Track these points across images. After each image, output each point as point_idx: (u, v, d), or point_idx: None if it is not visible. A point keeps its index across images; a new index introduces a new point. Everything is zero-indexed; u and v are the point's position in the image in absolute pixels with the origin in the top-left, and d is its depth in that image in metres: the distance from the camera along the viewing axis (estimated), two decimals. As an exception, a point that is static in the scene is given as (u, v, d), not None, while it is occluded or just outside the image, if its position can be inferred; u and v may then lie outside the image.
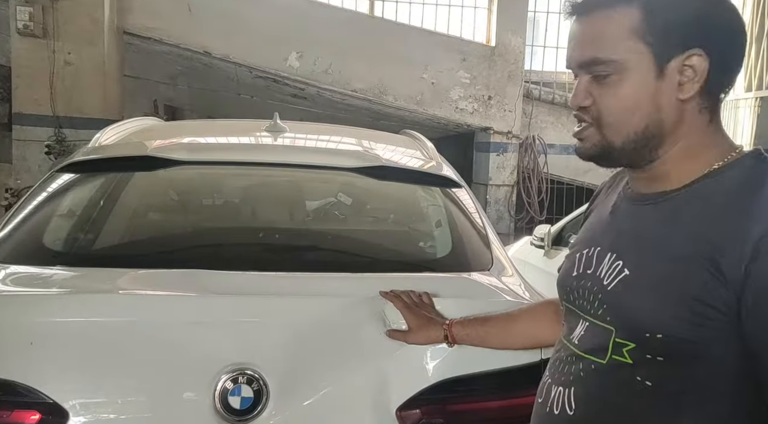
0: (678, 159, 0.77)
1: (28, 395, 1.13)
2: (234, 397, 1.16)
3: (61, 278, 1.36)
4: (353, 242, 1.61)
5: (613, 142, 0.78)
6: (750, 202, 0.71)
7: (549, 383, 0.87)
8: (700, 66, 0.73)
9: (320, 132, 2.37)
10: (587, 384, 0.80)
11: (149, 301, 1.26)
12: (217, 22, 5.71)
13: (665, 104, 0.75)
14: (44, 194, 1.69)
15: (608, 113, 0.77)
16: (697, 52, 0.73)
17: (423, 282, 1.34)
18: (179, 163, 1.71)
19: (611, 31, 0.76)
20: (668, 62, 0.74)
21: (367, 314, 1.26)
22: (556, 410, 0.84)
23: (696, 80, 0.74)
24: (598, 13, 0.77)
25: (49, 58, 5.18)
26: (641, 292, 0.75)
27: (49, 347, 1.16)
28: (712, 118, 0.77)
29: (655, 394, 0.74)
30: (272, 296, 1.29)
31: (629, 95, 0.76)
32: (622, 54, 0.75)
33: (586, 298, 0.83)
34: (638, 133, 0.76)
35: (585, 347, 0.82)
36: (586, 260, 0.85)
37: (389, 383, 1.22)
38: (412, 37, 6.14)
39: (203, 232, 1.76)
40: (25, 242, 1.51)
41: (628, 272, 0.77)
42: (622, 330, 0.77)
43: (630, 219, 0.82)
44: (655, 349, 0.74)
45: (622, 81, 0.76)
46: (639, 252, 0.77)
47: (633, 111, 0.76)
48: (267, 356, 1.20)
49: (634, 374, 0.75)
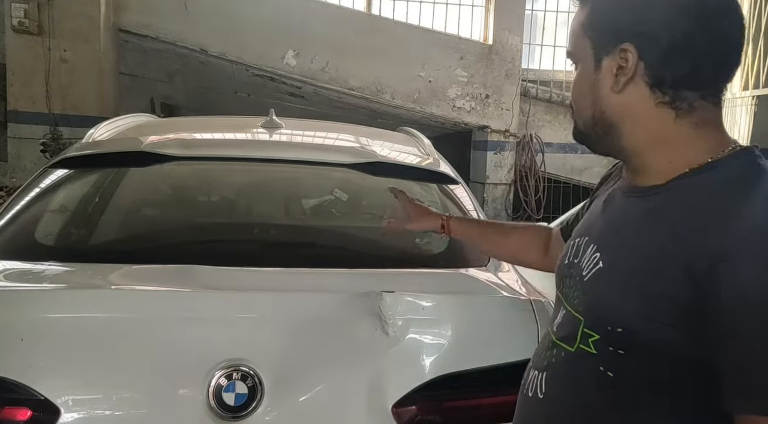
0: (651, 151, 0.79)
1: (18, 392, 1.11)
2: (228, 393, 1.15)
3: (53, 273, 1.34)
4: (349, 237, 1.60)
5: (578, 125, 0.85)
6: (724, 204, 0.71)
7: (530, 368, 0.91)
8: (630, 60, 0.76)
9: (316, 128, 2.36)
10: (557, 370, 0.84)
11: (142, 296, 1.25)
12: (214, 19, 5.69)
13: (603, 96, 0.80)
14: (37, 190, 1.68)
15: (572, 98, 0.86)
16: (628, 47, 0.76)
17: (420, 278, 1.33)
18: (173, 158, 1.70)
19: (574, 27, 0.84)
20: (605, 56, 0.79)
21: (363, 310, 1.25)
22: (530, 392, 0.88)
23: (626, 73, 0.77)
24: (575, 13, 0.85)
25: (45, 55, 5.16)
26: (609, 285, 0.77)
27: (40, 343, 1.14)
28: (680, 115, 0.77)
29: (615, 385, 0.76)
30: (267, 292, 1.28)
31: (579, 84, 0.83)
32: (575, 47, 0.83)
33: (569, 286, 0.86)
34: (590, 119, 0.82)
35: (560, 335, 0.85)
36: (575, 249, 0.87)
37: (385, 379, 1.20)
38: (410, 36, 6.13)
39: (197, 227, 1.75)
40: (16, 237, 1.50)
41: (602, 265, 0.79)
42: (589, 321, 0.79)
43: (618, 211, 0.84)
44: (615, 342, 0.75)
45: (577, 73, 0.84)
46: (615, 246, 0.80)
47: (582, 99, 0.83)
48: (262, 352, 1.18)
49: (597, 364, 0.77)
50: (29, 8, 5.02)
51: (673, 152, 0.78)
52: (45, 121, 5.24)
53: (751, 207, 0.69)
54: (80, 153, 1.77)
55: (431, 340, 1.23)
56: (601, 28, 0.79)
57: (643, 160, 0.80)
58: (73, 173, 1.77)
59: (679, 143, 0.77)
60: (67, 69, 5.24)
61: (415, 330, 1.24)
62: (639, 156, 0.80)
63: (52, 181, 1.73)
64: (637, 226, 0.78)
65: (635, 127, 0.79)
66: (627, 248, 0.77)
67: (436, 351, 1.21)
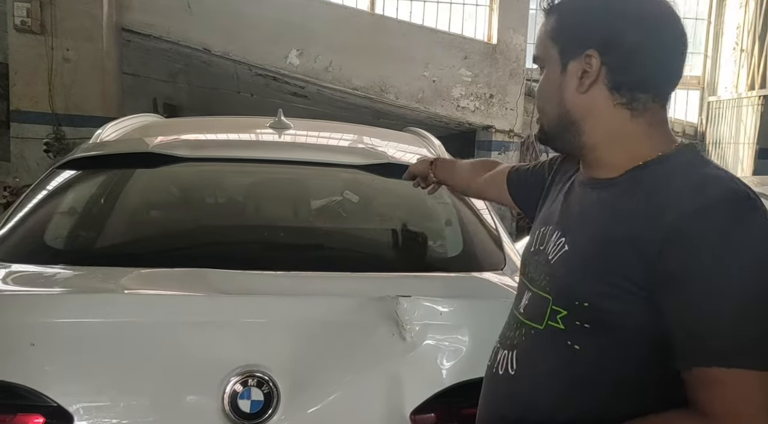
0: (606, 148, 0.88)
1: (31, 399, 1.09)
2: (243, 400, 1.13)
3: (64, 277, 1.32)
4: (362, 240, 1.58)
5: (543, 125, 0.94)
6: (669, 191, 0.80)
7: (497, 348, 0.98)
8: (594, 65, 0.85)
9: (325, 129, 2.34)
10: (527, 347, 0.91)
11: (155, 301, 1.23)
12: (217, 18, 5.67)
13: (568, 96, 0.88)
14: (45, 192, 1.66)
15: (538, 101, 0.94)
16: (592, 53, 0.85)
17: (436, 282, 1.31)
18: (182, 159, 1.68)
19: (542, 35, 0.92)
20: (570, 60, 0.87)
21: (379, 315, 1.23)
22: (500, 370, 0.94)
23: (590, 76, 0.86)
24: (543, 21, 0.93)
25: (47, 54, 5.14)
26: (574, 266, 0.86)
27: (52, 349, 1.13)
28: (634, 115, 0.86)
29: (581, 358, 0.84)
30: (282, 296, 1.26)
31: (545, 86, 0.92)
32: (542, 51, 0.91)
33: (535, 270, 0.94)
34: (554, 119, 0.91)
35: (528, 315, 0.92)
36: (540, 237, 0.96)
37: (402, 385, 1.18)
38: (414, 35, 6.11)
39: (208, 230, 1.72)
40: (25, 240, 1.48)
41: (568, 248, 0.88)
42: (557, 299, 0.87)
43: (577, 202, 0.93)
44: (582, 316, 0.83)
45: (543, 75, 0.92)
46: (579, 231, 0.88)
47: (548, 99, 0.91)
48: (277, 358, 1.16)
49: (565, 339, 0.85)
50: (32, 7, 4.99)
51: (628, 148, 0.87)
52: (48, 120, 5.22)
53: (695, 191, 0.77)
54: (88, 154, 1.75)
55: (449, 346, 1.21)
56: (568, 35, 0.88)
57: (600, 155, 0.89)
58: (81, 174, 1.75)
59: (634, 140, 0.87)
60: (70, 68, 5.22)
61: (432, 335, 1.22)
62: (596, 151, 0.89)
63: (60, 182, 1.71)
64: (596, 213, 0.87)
65: (595, 126, 0.88)
66: (587, 232, 0.86)
67: (455, 357, 1.19)
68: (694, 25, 6.73)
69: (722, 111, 6.34)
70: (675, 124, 6.44)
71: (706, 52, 6.65)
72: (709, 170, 0.82)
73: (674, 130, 6.56)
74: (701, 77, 6.67)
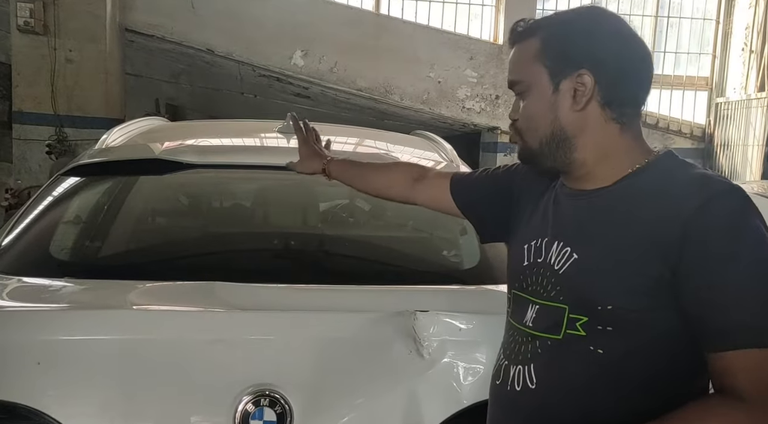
0: (597, 162, 0.92)
1: (33, 419, 1.06)
2: (256, 421, 1.10)
3: (70, 291, 1.28)
4: (376, 250, 1.54)
5: (531, 146, 0.95)
6: (670, 189, 0.85)
7: (506, 365, 0.97)
8: (588, 82, 0.89)
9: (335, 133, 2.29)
10: (546, 359, 0.91)
11: (164, 317, 1.19)
12: (221, 19, 5.64)
13: (563, 113, 0.91)
14: (50, 199, 1.62)
15: (524, 121, 0.95)
16: (585, 72, 0.89)
17: (454, 295, 1.27)
18: (189, 166, 1.64)
19: (521, 58, 0.94)
20: (562, 80, 0.91)
21: (396, 331, 1.19)
22: (517, 387, 0.93)
23: (585, 94, 0.90)
24: (517, 46, 0.96)
25: (50, 55, 5.10)
26: (589, 272, 0.88)
27: (57, 367, 1.09)
28: (623, 129, 0.91)
29: (605, 361, 0.85)
30: (294, 311, 1.22)
31: (535, 106, 0.93)
32: (527, 75, 0.93)
33: (539, 283, 0.94)
34: (547, 137, 0.92)
35: (540, 327, 0.92)
36: (535, 251, 0.96)
37: (420, 405, 1.14)
38: (419, 36, 6.07)
39: (217, 240, 1.68)
40: (30, 252, 1.44)
41: (577, 256, 0.89)
42: (575, 306, 0.88)
43: (571, 212, 0.95)
44: (604, 320, 0.85)
45: (530, 96, 0.93)
46: (584, 238, 0.90)
47: (539, 119, 0.93)
48: (290, 376, 1.12)
49: (587, 344, 0.86)
50: (35, 8, 4.96)
51: (618, 160, 0.91)
52: (50, 122, 5.18)
53: (698, 188, 0.83)
54: (94, 160, 1.71)
55: (469, 363, 1.17)
56: (557, 57, 0.91)
57: (591, 169, 0.92)
58: (86, 181, 1.71)
59: (623, 152, 0.91)
60: (73, 69, 5.18)
61: (451, 353, 1.18)
62: (587, 166, 0.92)
63: (65, 189, 1.67)
64: (597, 220, 0.90)
65: (588, 141, 0.91)
66: (595, 239, 0.89)
67: (475, 375, 1.15)
68: (702, 26, 6.68)
69: (731, 112, 6.28)
70: (683, 126, 6.39)
71: (715, 52, 6.60)
72: (697, 170, 0.88)
73: (682, 132, 6.53)
74: (709, 78, 6.62)
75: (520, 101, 0.95)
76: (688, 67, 6.58)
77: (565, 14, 0.96)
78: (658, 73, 6.54)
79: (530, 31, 0.94)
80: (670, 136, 6.35)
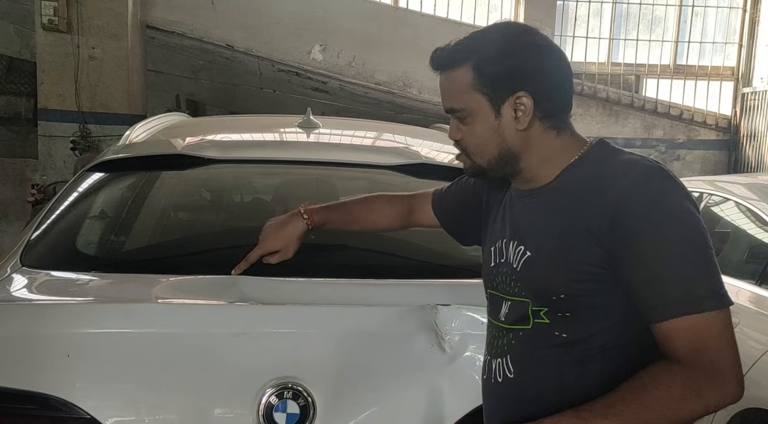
0: (540, 165, 0.98)
1: (64, 410, 1.08)
2: (279, 413, 1.11)
3: (97, 285, 1.31)
4: (397, 244, 1.53)
5: (480, 164, 1.00)
6: (599, 179, 0.91)
7: (489, 360, 1.04)
8: (527, 103, 0.94)
9: (354, 127, 2.30)
10: (518, 348, 0.98)
11: (188, 311, 1.20)
12: (240, 15, 5.66)
13: (508, 135, 0.96)
14: (75, 195, 1.65)
15: (471, 145, 1.00)
16: (522, 94, 0.94)
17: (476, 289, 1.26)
18: (212, 161, 1.65)
19: (456, 87, 0.97)
20: (502, 104, 0.95)
21: (419, 325, 1.19)
22: (499, 378, 1.00)
23: (527, 114, 0.95)
24: (447, 73, 0.98)
25: (74, 53, 5.17)
26: (541, 267, 0.94)
27: (86, 359, 1.11)
28: (559, 132, 0.98)
29: (570, 342, 0.93)
30: (318, 305, 1.22)
31: (480, 132, 0.97)
32: (467, 103, 0.96)
33: (505, 282, 1.01)
34: (495, 157, 0.98)
35: (511, 320, 0.99)
36: (498, 252, 1.03)
37: (443, 399, 1.15)
38: (437, 28, 6.02)
39: (239, 235, 1.70)
40: (57, 246, 1.46)
41: (529, 254, 0.96)
42: (535, 300, 0.95)
43: (521, 212, 1.01)
44: (562, 307, 0.93)
45: (474, 122, 0.97)
46: (533, 235, 0.97)
47: (486, 143, 0.98)
48: (314, 370, 1.13)
49: (552, 330, 0.94)
50: (58, 6, 5.02)
51: (557, 160, 0.98)
52: (74, 119, 5.25)
53: (621, 173, 0.90)
54: (118, 156, 1.74)
55: None
56: (493, 83, 0.94)
57: (536, 173, 0.99)
58: (110, 177, 1.73)
59: (561, 152, 0.98)
60: (96, 67, 5.24)
61: (473, 346, 1.18)
62: (532, 170, 0.99)
63: (90, 185, 1.69)
64: (542, 217, 0.97)
65: (532, 152, 0.97)
66: (541, 235, 0.96)
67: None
68: (728, 14, 6.52)
69: (757, 103, 6.13)
70: (707, 117, 6.25)
71: (741, 42, 6.44)
72: (624, 156, 0.95)
73: (706, 123, 6.39)
74: (735, 68, 6.46)
75: (460, 124, 0.99)
76: (713, 57, 6.44)
77: (486, 36, 0.98)
78: (681, 64, 6.43)
79: (457, 59, 0.96)
80: (694, 128, 6.22)
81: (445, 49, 0.98)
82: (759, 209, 2.49)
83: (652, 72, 6.37)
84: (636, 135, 6.05)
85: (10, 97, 6.73)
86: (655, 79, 6.37)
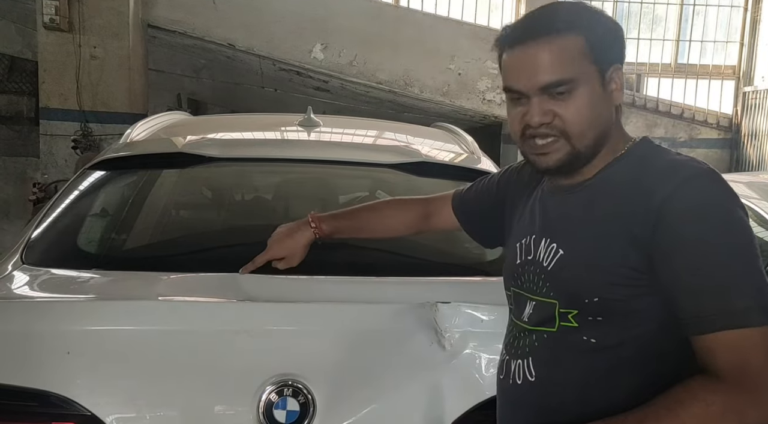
0: (601, 150, 0.92)
1: (65, 407, 1.08)
2: (279, 410, 1.11)
3: (98, 282, 1.31)
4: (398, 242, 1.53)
5: (579, 149, 0.91)
6: (644, 179, 0.86)
7: (507, 360, 0.99)
8: (621, 76, 0.92)
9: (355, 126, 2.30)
10: (542, 352, 0.93)
11: (188, 308, 1.21)
12: (242, 14, 5.66)
13: (608, 110, 0.92)
14: (76, 193, 1.65)
15: (574, 123, 0.89)
16: (618, 66, 0.92)
17: (476, 287, 1.27)
18: (213, 160, 1.66)
19: (565, 55, 0.88)
20: (606, 76, 0.90)
21: (418, 322, 1.19)
22: (518, 380, 0.96)
23: (620, 88, 0.92)
24: (550, 40, 0.88)
25: (75, 52, 5.18)
26: (575, 267, 0.89)
27: (87, 357, 1.11)
28: (617, 113, 0.94)
29: (598, 349, 0.88)
30: (318, 303, 1.23)
31: (589, 106, 0.89)
32: (577, 72, 0.89)
33: (532, 280, 0.96)
34: (597, 137, 0.91)
35: (535, 322, 0.94)
36: (525, 248, 0.98)
37: (443, 396, 1.15)
38: (439, 27, 6.02)
39: (240, 233, 1.70)
40: (58, 244, 1.47)
41: (563, 252, 0.91)
42: (564, 301, 0.90)
43: (556, 208, 0.96)
44: (593, 311, 0.87)
45: (580, 96, 0.89)
46: (568, 234, 0.92)
47: (594, 118, 0.90)
48: (314, 367, 1.14)
49: (580, 335, 0.89)
50: (60, 5, 5.03)
51: (610, 146, 0.92)
52: (75, 118, 5.26)
53: (668, 175, 0.85)
54: (118, 154, 1.74)
55: (491, 355, 1.16)
56: (602, 53, 0.90)
57: (593, 161, 0.92)
58: (111, 175, 1.74)
59: (614, 137, 0.93)
60: (97, 65, 5.25)
61: (473, 344, 1.18)
62: (594, 157, 0.91)
63: (91, 183, 1.70)
64: (581, 214, 0.91)
65: (612, 133, 0.92)
66: (578, 234, 0.90)
67: (496, 366, 1.14)
68: (730, 13, 6.51)
69: (759, 102, 6.12)
70: (708, 116, 6.24)
71: (742, 40, 6.43)
72: (670, 156, 0.90)
73: (708, 122, 6.38)
74: (737, 67, 6.45)
75: (552, 103, 0.89)
76: (715, 56, 6.43)
77: (574, 7, 0.93)
78: (683, 63, 6.42)
79: (565, 24, 0.88)
80: (696, 127, 6.21)
81: (540, 17, 0.91)
82: (760, 208, 2.49)
83: (654, 71, 6.36)
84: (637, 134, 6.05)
85: (11, 96, 6.75)
86: (657, 77, 6.36)
